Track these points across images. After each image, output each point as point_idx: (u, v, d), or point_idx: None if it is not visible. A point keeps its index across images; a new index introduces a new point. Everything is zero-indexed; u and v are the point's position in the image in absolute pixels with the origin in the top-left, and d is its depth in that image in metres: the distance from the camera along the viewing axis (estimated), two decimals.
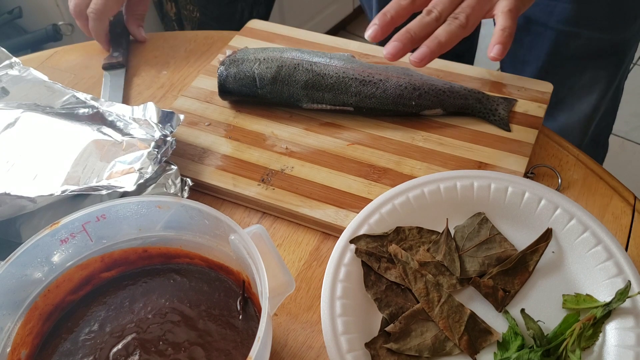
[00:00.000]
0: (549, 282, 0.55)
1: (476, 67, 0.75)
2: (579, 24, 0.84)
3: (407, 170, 0.65)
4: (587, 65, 0.90)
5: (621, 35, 0.88)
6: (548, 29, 0.86)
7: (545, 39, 0.88)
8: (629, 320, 0.50)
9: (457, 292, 0.54)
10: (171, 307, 0.50)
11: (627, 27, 0.87)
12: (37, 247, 0.47)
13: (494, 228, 0.58)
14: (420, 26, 0.63)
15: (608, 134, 1.12)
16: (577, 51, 0.87)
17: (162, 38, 0.88)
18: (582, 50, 0.87)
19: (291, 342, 0.54)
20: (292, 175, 0.65)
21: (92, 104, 0.68)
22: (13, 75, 0.72)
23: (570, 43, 0.87)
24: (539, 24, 0.87)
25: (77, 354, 0.48)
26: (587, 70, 0.91)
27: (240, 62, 0.71)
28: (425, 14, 0.64)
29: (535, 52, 0.91)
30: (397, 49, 0.62)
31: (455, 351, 0.51)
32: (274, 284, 0.45)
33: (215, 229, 0.49)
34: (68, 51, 0.87)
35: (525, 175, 0.64)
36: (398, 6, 0.64)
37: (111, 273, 0.53)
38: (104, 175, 0.60)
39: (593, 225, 0.55)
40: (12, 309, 0.47)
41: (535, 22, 0.87)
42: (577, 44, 0.87)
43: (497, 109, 0.68)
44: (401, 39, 0.62)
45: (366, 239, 0.56)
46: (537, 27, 0.87)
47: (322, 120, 0.71)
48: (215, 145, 0.69)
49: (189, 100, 0.75)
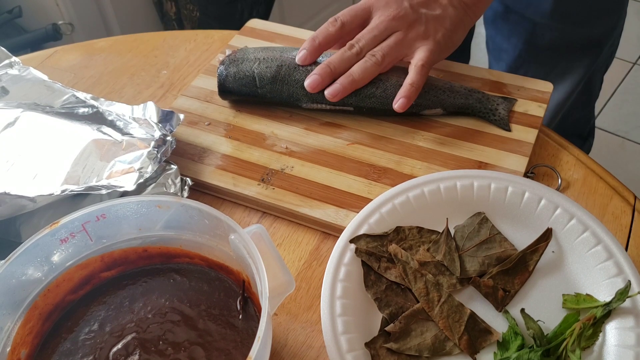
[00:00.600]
0: (549, 282, 0.55)
1: (476, 67, 0.75)
2: (553, 17, 0.87)
3: (407, 170, 0.65)
4: (561, 56, 0.94)
5: (594, 29, 0.91)
6: (525, 19, 0.89)
7: (522, 29, 0.92)
8: (629, 320, 0.50)
9: (457, 292, 0.54)
10: (171, 307, 0.50)
11: (599, 22, 0.90)
12: (37, 247, 0.47)
13: (494, 228, 0.58)
14: (341, 61, 0.67)
15: (590, 127, 1.15)
16: (552, 42, 0.91)
17: (162, 38, 0.88)
18: (556, 42, 0.91)
19: (291, 342, 0.54)
20: (292, 175, 0.65)
21: (92, 104, 0.67)
22: (13, 74, 0.72)
23: (545, 34, 0.90)
24: (517, 14, 0.89)
25: (77, 354, 0.48)
26: (561, 60, 0.94)
27: (240, 61, 0.71)
28: (347, 48, 0.67)
29: (513, 40, 0.94)
30: (317, 82, 0.67)
31: (455, 351, 0.51)
32: (274, 284, 0.45)
33: (215, 228, 0.49)
34: (68, 51, 0.87)
35: (525, 175, 0.64)
36: (326, 33, 0.68)
37: (111, 273, 0.53)
38: (104, 174, 0.60)
39: (593, 225, 0.55)
40: (12, 308, 0.47)
41: (514, 12, 0.90)
42: (552, 35, 0.90)
43: (497, 109, 0.68)
44: (321, 73, 0.67)
45: (366, 238, 0.56)
46: (515, 16, 0.90)
47: (322, 120, 0.71)
48: (215, 144, 0.69)
49: (188, 100, 0.75)
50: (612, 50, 1.00)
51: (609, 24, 0.92)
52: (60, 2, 1.51)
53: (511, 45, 0.94)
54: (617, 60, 2.01)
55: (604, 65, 1.01)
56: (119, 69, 0.83)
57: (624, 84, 2.02)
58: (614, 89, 1.99)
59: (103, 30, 1.62)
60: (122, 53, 0.86)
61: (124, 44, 0.87)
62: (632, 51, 2.10)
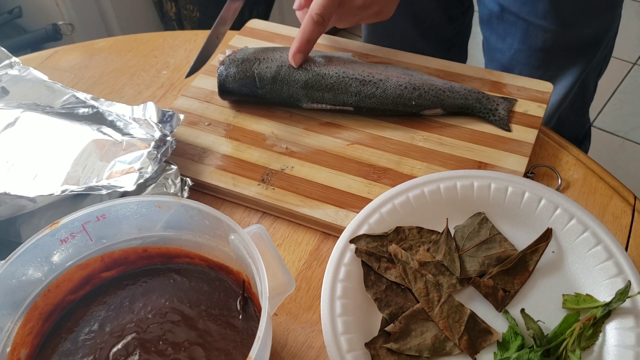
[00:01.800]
0: (549, 282, 0.55)
1: (476, 67, 0.75)
2: (547, 18, 0.86)
3: (407, 170, 0.65)
4: (555, 58, 0.94)
5: (588, 30, 0.91)
6: (520, 20, 0.89)
7: (517, 29, 0.92)
8: (629, 320, 0.50)
9: (457, 292, 0.54)
10: (171, 307, 0.50)
11: (593, 23, 0.90)
12: (37, 247, 0.47)
13: (494, 228, 0.58)
14: None
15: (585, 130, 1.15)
16: (545, 44, 0.91)
17: (162, 38, 0.88)
18: (550, 43, 0.91)
19: (291, 342, 0.54)
20: (292, 175, 0.65)
21: (92, 104, 0.68)
22: (13, 74, 0.72)
23: (539, 35, 0.90)
24: (512, 14, 0.89)
25: (77, 354, 0.48)
26: (554, 62, 0.95)
27: (240, 61, 0.71)
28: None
29: (508, 40, 0.94)
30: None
31: (455, 351, 0.51)
32: (274, 284, 0.45)
33: (215, 228, 0.49)
34: (68, 51, 0.87)
35: (525, 175, 0.64)
36: None
37: (111, 273, 0.53)
38: (104, 175, 0.60)
39: (593, 225, 0.55)
40: (12, 308, 0.47)
41: (509, 12, 0.90)
42: (546, 37, 0.90)
43: (497, 109, 0.68)
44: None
45: (366, 238, 0.56)
46: (510, 16, 0.90)
47: (322, 120, 0.71)
48: (215, 145, 0.69)
49: (189, 100, 0.75)
50: (607, 53, 1.01)
51: (603, 26, 0.93)
52: (60, 2, 1.51)
53: (506, 45, 0.95)
54: (617, 60, 2.02)
55: (598, 68, 1.02)
56: (119, 69, 0.83)
57: (623, 84, 2.02)
58: (614, 89, 1.99)
59: (103, 30, 1.62)
60: (122, 53, 0.86)
61: (124, 44, 0.87)
62: (632, 51, 2.10)
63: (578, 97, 1.02)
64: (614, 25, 0.96)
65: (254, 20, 0.85)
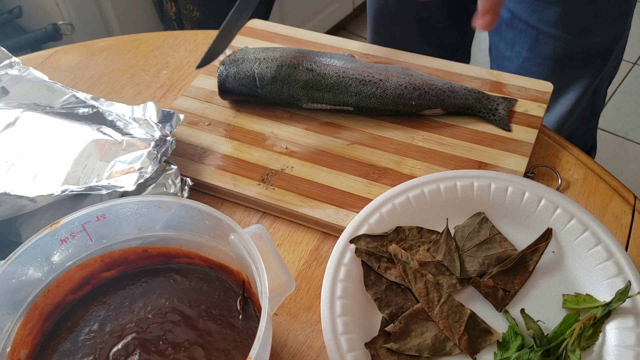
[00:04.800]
0: (549, 282, 0.55)
1: (476, 67, 0.75)
2: (558, 26, 0.86)
3: (407, 170, 0.65)
4: (565, 67, 0.93)
5: (599, 39, 0.90)
6: (529, 27, 0.88)
7: (527, 37, 0.91)
8: (629, 320, 0.50)
9: (457, 292, 0.54)
10: (171, 307, 0.50)
11: (604, 32, 0.89)
12: (37, 247, 0.47)
13: (494, 228, 0.58)
14: None
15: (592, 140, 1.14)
16: (555, 52, 0.90)
17: (162, 38, 0.88)
18: (560, 52, 0.90)
19: (291, 342, 0.54)
20: (292, 175, 0.65)
21: (92, 104, 0.67)
22: (13, 74, 0.72)
23: (549, 43, 0.89)
24: (522, 21, 0.88)
25: (77, 354, 0.48)
26: (564, 71, 0.93)
27: (240, 61, 0.71)
28: None
29: (516, 48, 0.93)
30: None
31: (455, 351, 0.51)
32: (274, 284, 0.45)
33: (215, 228, 0.49)
34: (68, 51, 0.87)
35: (525, 175, 0.64)
36: None
37: (111, 273, 0.53)
38: (104, 175, 0.60)
39: (593, 225, 0.55)
40: (12, 308, 0.47)
41: (519, 19, 0.89)
42: (556, 45, 0.89)
43: (497, 109, 0.68)
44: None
45: (366, 238, 0.56)
46: (520, 23, 0.89)
47: (322, 120, 0.71)
48: (215, 145, 0.69)
49: (189, 100, 0.75)
50: (617, 62, 0.99)
51: (613, 34, 0.92)
52: (60, 2, 1.51)
53: (514, 53, 0.93)
54: None
55: (609, 78, 1.00)
56: (119, 69, 0.83)
57: (624, 84, 2.02)
58: (614, 89, 1.99)
59: (103, 30, 1.62)
60: (122, 53, 0.86)
61: (124, 44, 0.87)
62: (632, 51, 2.10)
63: (589, 107, 1.00)
64: (625, 34, 0.95)
65: (254, 20, 0.85)
